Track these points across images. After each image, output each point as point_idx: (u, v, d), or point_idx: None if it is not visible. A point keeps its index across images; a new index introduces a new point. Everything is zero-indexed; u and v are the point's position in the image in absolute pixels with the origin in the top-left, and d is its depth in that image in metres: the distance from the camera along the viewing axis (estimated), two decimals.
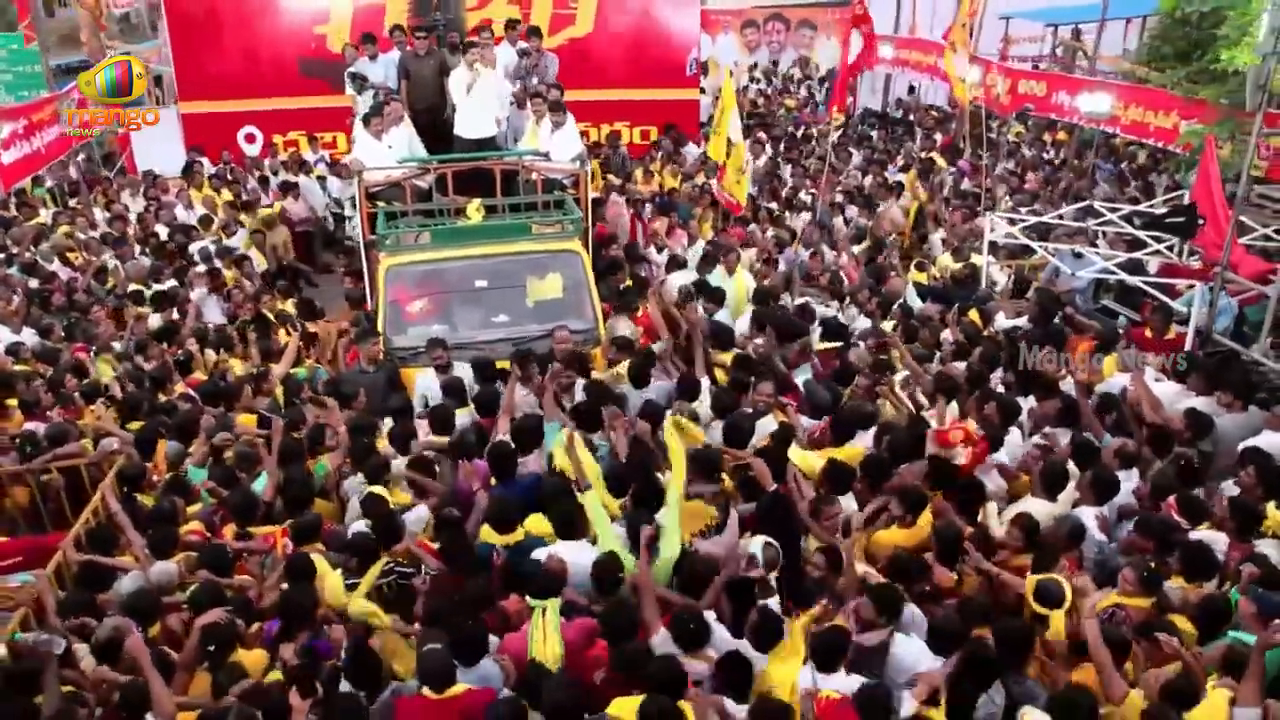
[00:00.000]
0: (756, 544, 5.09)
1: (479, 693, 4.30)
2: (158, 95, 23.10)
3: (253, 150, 15.70)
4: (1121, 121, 12.31)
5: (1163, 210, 9.12)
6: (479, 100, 9.63)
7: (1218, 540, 5.28)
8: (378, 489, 5.61)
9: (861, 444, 6.25)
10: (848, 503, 5.68)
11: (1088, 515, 5.51)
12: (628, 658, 4.30)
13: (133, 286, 9.83)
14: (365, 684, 4.50)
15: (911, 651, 4.52)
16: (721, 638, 4.57)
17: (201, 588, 5.06)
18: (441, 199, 8.66)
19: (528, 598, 4.78)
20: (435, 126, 10.17)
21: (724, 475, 5.82)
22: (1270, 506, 5.37)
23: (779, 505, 5.41)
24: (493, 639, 4.73)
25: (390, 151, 8.99)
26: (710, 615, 4.64)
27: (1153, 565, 4.80)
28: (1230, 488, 5.79)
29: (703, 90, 17.72)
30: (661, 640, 4.55)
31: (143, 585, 5.14)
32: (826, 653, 4.26)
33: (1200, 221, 7.16)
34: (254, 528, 5.77)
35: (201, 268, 10.16)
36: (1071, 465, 5.87)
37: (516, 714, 4.08)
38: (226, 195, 13.07)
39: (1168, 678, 4.24)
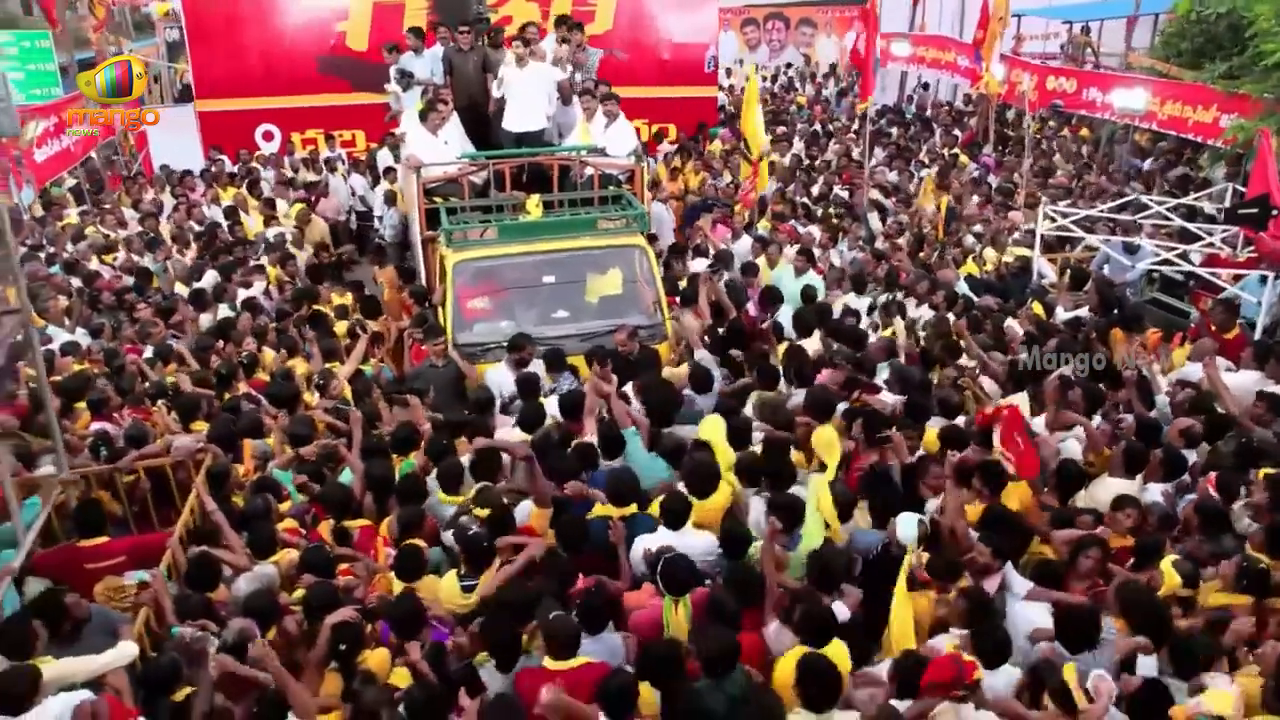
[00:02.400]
0: (907, 520, 5.06)
1: (596, 666, 4.31)
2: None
3: (270, 148, 15.58)
4: (1158, 117, 12.42)
5: (1212, 203, 9.22)
6: (525, 94, 9.59)
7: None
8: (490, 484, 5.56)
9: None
10: None
11: (1155, 492, 5.68)
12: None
13: (179, 286, 9.72)
14: (503, 658, 4.47)
15: (1029, 616, 4.66)
16: None
17: (316, 589, 4.98)
18: (499, 195, 8.61)
19: (666, 595, 4.77)
20: (477, 121, 10.12)
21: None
22: None
23: (881, 476, 5.56)
24: None
25: (446, 147, 8.92)
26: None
27: (1259, 564, 4.82)
28: None
29: None
30: (775, 632, 4.61)
31: (260, 586, 5.06)
32: (1078, 632, 4.36)
33: (1275, 212, 7.26)
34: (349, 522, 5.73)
35: (262, 260, 10.09)
36: None
37: (627, 688, 4.07)
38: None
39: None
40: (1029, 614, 4.71)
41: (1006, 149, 15.41)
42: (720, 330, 7.92)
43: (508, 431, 6.44)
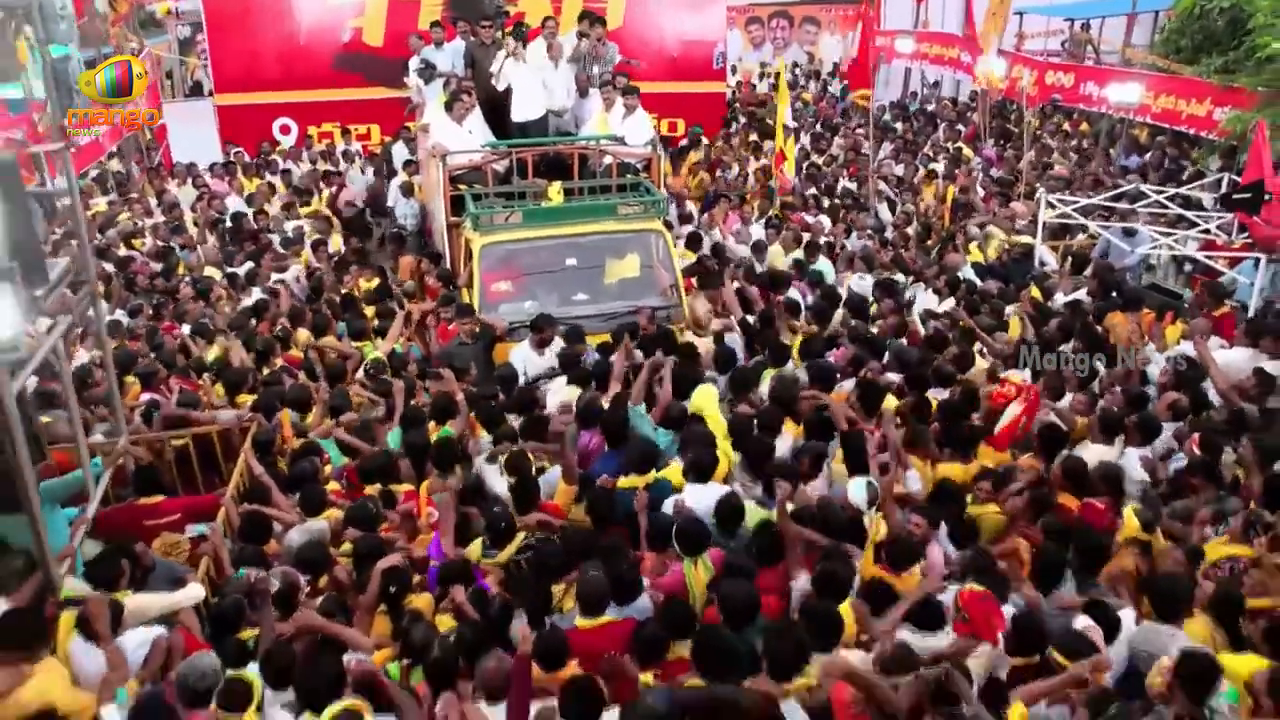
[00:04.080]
0: (857, 484, 5.41)
1: (621, 624, 4.61)
2: (169, 88, 23.36)
3: (288, 141, 15.91)
4: (1151, 110, 12.80)
5: (1207, 193, 9.57)
6: (522, 86, 9.97)
7: None
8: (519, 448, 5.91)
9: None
10: None
11: (1133, 456, 6.02)
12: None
13: (209, 270, 10.09)
14: (532, 612, 4.73)
15: None
16: None
17: (364, 540, 5.33)
18: (521, 182, 8.96)
19: (684, 558, 5.07)
20: (495, 112, 10.47)
21: None
22: None
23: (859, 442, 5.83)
24: None
25: (471, 136, 9.26)
26: None
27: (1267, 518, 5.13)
28: None
29: None
30: (803, 583, 4.91)
31: (312, 538, 5.40)
32: (1047, 573, 4.81)
33: (1268, 197, 7.62)
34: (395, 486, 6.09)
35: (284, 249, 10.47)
36: None
37: (659, 636, 4.39)
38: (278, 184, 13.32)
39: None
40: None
41: (1008, 143, 15.77)
42: (750, 318, 8.29)
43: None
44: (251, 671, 4.19)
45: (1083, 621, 4.46)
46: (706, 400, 6.35)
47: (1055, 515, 5.37)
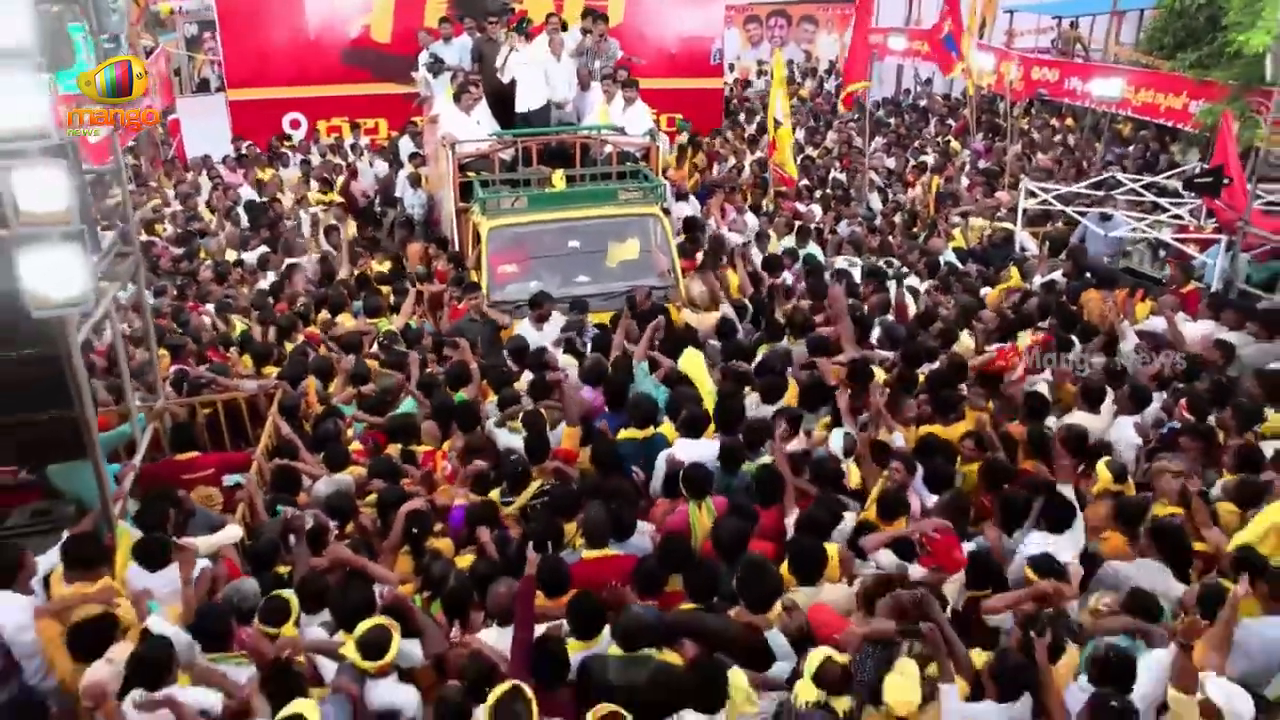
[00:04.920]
0: (836, 434, 5.91)
1: (623, 558, 5.07)
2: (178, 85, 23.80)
3: (298, 135, 16.38)
4: (1132, 104, 13.29)
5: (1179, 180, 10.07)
6: (524, 79, 10.45)
7: None
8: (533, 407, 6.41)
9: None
10: None
11: (1127, 423, 6.44)
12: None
13: (229, 254, 10.58)
14: (543, 544, 5.15)
15: None
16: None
17: (387, 489, 5.80)
18: (526, 170, 9.43)
19: (690, 500, 5.53)
20: (501, 104, 10.93)
21: None
22: (1270, 411, 6.31)
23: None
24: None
25: (478, 126, 9.74)
26: None
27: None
28: None
29: None
30: (793, 523, 5.40)
31: (339, 488, 5.89)
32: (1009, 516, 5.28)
33: (1227, 181, 8.11)
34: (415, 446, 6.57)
35: (306, 234, 10.96)
36: None
37: (657, 570, 4.83)
38: (294, 174, 13.83)
39: None
40: None
41: (997, 137, 16.26)
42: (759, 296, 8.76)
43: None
44: (289, 592, 4.67)
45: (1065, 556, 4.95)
46: (691, 364, 6.85)
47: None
